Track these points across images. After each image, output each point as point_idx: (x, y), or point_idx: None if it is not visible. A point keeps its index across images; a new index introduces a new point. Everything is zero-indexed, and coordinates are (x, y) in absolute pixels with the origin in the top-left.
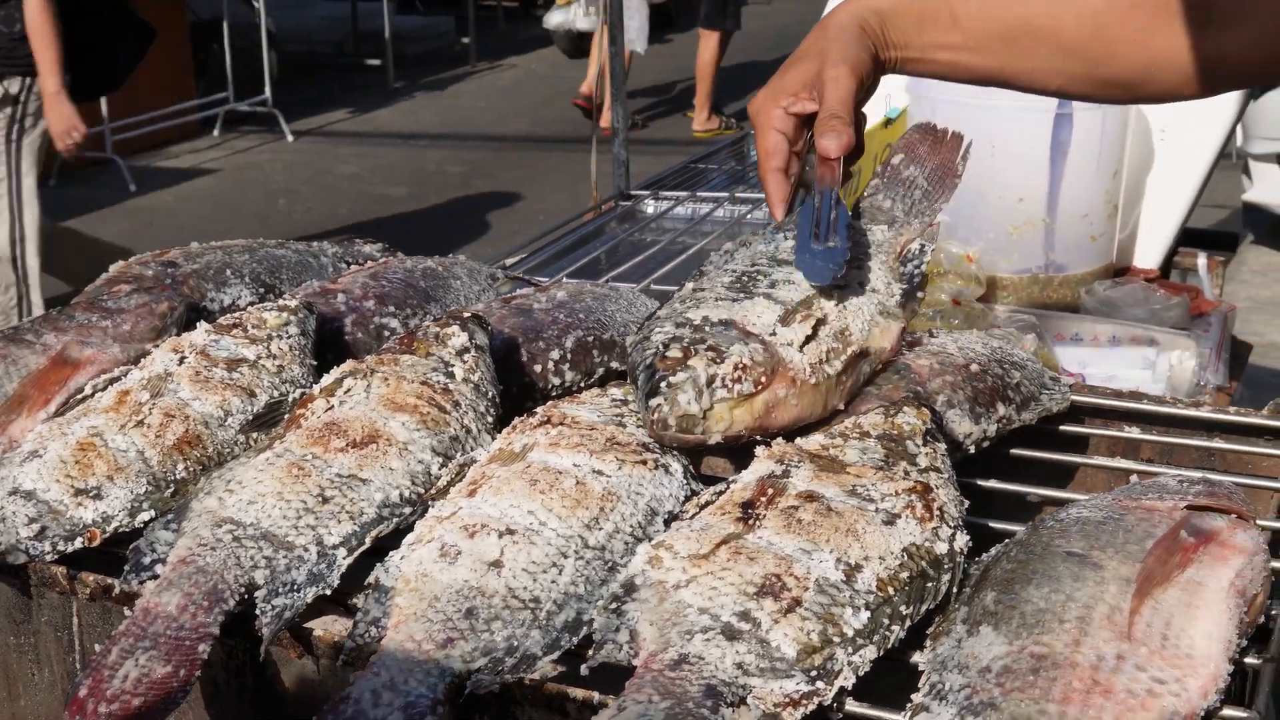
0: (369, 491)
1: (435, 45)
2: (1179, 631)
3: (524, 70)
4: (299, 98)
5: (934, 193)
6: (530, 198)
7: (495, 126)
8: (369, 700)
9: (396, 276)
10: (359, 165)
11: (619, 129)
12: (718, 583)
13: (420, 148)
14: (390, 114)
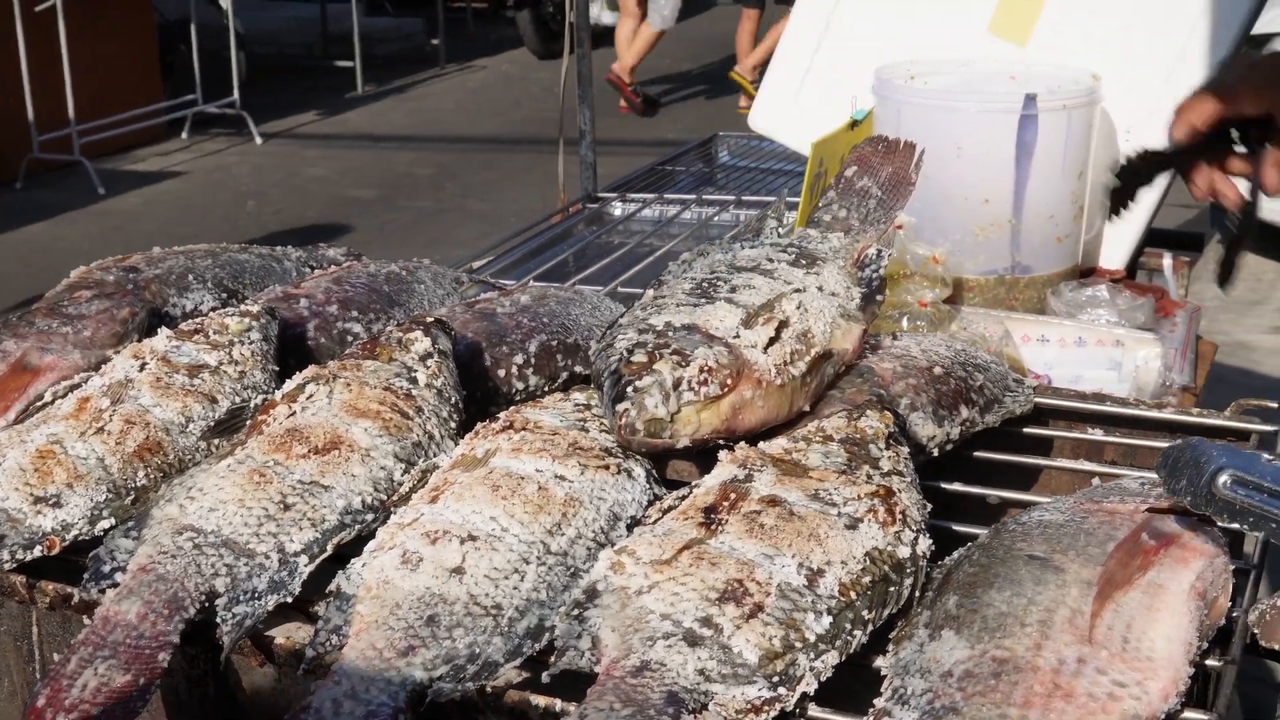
0: (331, 498)
1: (404, 47)
2: (1140, 634)
3: (493, 71)
4: (268, 100)
5: (888, 200)
6: (500, 199)
7: (465, 128)
8: (330, 709)
9: (360, 281)
10: (328, 167)
11: (586, 130)
12: (680, 588)
13: (390, 149)
14: (359, 116)
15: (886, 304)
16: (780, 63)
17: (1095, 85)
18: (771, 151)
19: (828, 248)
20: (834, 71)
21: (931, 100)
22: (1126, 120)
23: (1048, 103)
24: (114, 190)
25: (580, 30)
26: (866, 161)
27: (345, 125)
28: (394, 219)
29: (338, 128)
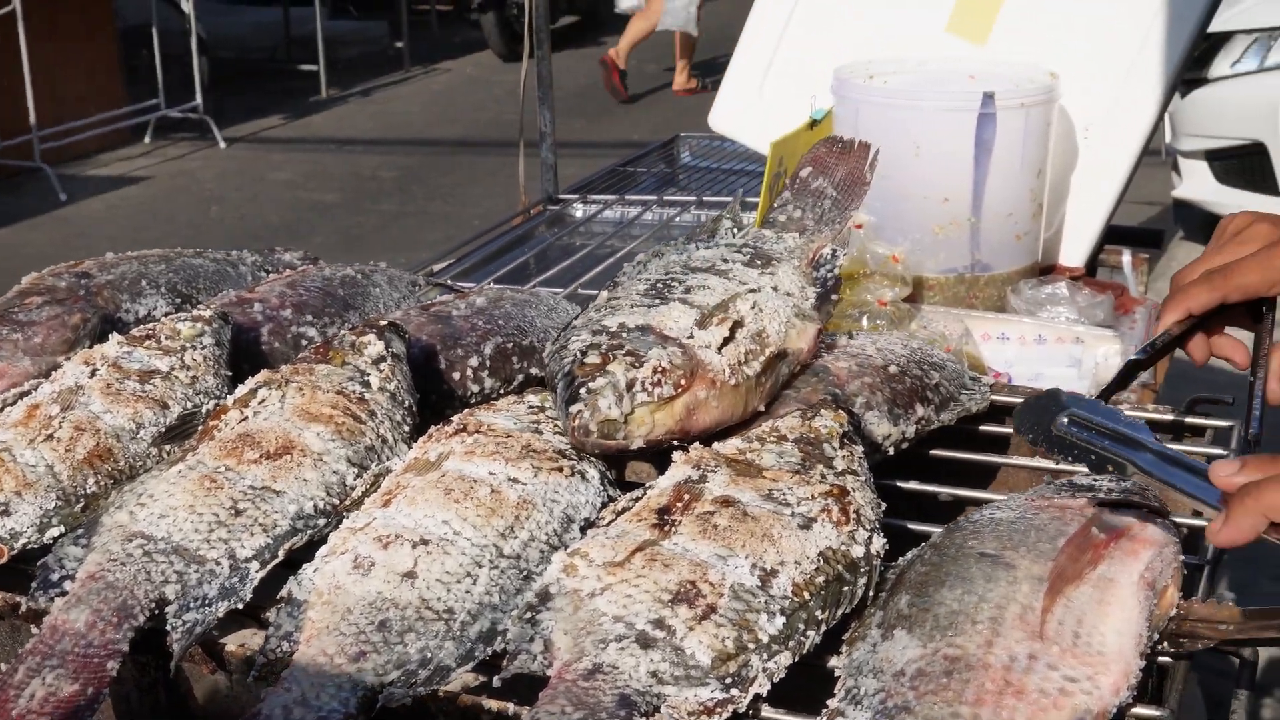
0: (283, 503)
1: (368, 50)
2: (1090, 629)
3: (458, 74)
4: (231, 104)
5: (843, 200)
6: (465, 202)
7: (429, 131)
8: (280, 716)
9: (314, 285)
10: (292, 171)
11: (546, 132)
12: (632, 590)
13: (354, 153)
14: (324, 119)
15: (846, 303)
16: (740, 62)
17: (1053, 83)
18: (733, 152)
19: (783, 248)
20: (793, 71)
21: (890, 99)
22: (1085, 118)
23: (1006, 101)
24: (76, 196)
25: (540, 32)
26: (821, 162)
27: (309, 129)
28: (359, 222)
29: (302, 131)
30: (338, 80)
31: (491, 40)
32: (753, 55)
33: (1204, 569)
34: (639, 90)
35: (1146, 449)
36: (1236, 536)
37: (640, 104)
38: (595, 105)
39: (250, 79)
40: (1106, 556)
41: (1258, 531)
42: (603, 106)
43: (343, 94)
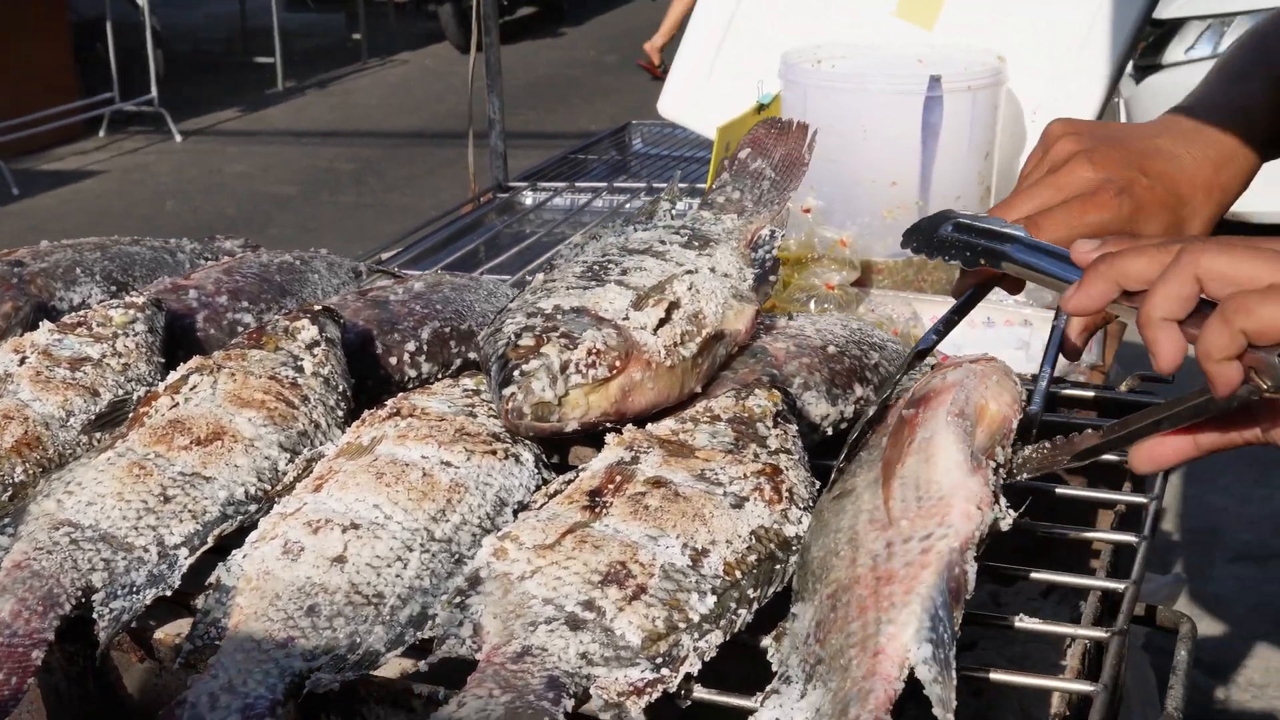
0: (213, 489)
1: (326, 42)
2: (925, 485)
3: (416, 66)
4: (187, 97)
5: (781, 182)
6: (423, 194)
7: (387, 123)
8: (206, 703)
9: (251, 271)
10: (249, 164)
11: (495, 120)
12: (562, 572)
13: (311, 145)
14: (280, 112)
15: (794, 287)
16: (688, 49)
17: (1000, 66)
18: (685, 139)
19: (721, 229)
20: (742, 57)
21: (837, 83)
22: (1033, 101)
23: (952, 84)
24: (29, 191)
25: (488, 19)
26: (760, 143)
27: (266, 122)
28: (315, 215)
29: (258, 124)
30: (294, 72)
31: (449, 31)
32: (701, 42)
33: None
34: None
35: (1018, 241)
36: (1086, 302)
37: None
38: (552, 96)
39: (206, 72)
40: (919, 423)
41: (1109, 298)
42: (560, 97)
43: (299, 86)
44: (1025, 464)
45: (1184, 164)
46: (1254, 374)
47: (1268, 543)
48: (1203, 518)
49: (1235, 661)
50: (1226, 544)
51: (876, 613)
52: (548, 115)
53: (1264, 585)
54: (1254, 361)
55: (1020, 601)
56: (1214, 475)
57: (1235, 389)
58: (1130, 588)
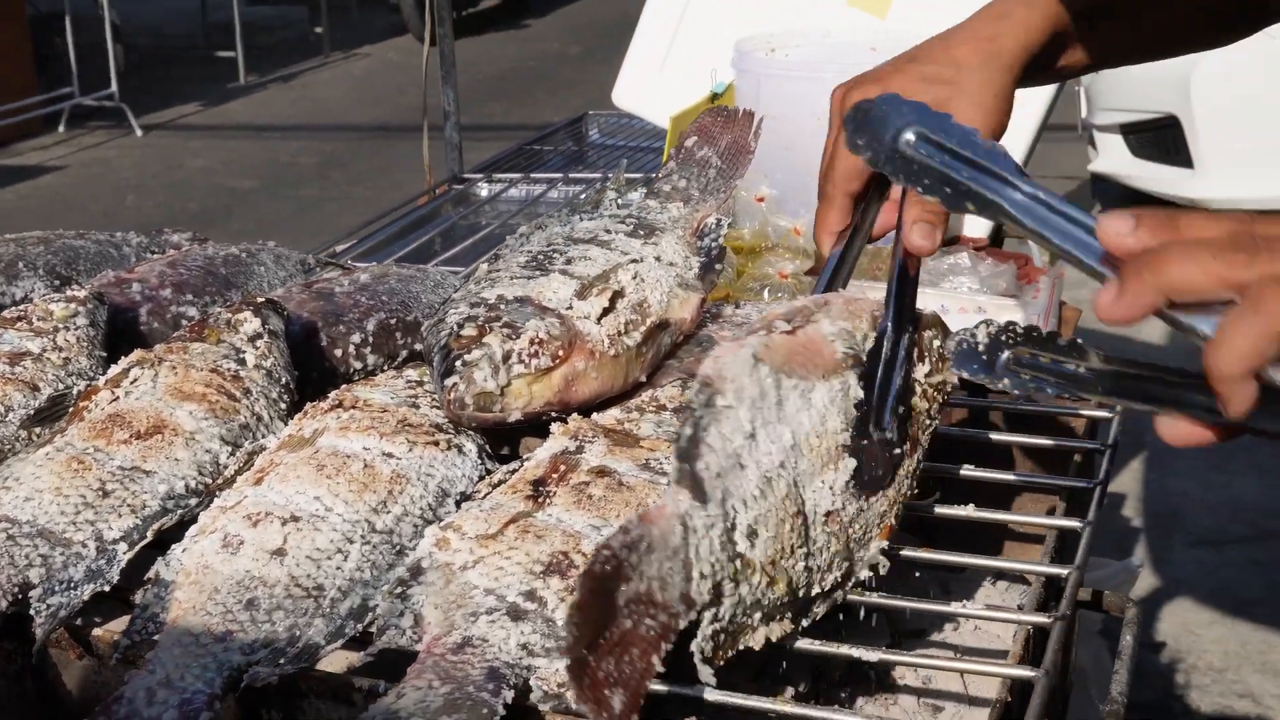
0: (152, 484)
1: (287, 35)
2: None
3: (378, 59)
4: (148, 92)
5: (728, 170)
6: (386, 187)
7: (350, 116)
8: (143, 699)
9: (195, 264)
10: (211, 159)
11: (450, 111)
12: (504, 562)
13: (274, 139)
14: (242, 106)
15: (748, 276)
16: (642, 39)
17: None
18: (642, 129)
19: (666, 218)
20: (696, 46)
21: (791, 72)
22: None
23: None
24: None
25: (441, 11)
26: (706, 131)
27: (228, 116)
28: (277, 209)
29: (220, 118)
30: (256, 66)
31: (412, 24)
32: (655, 31)
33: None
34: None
35: (1017, 188)
36: (1132, 314)
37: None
38: (517, 88)
39: (167, 66)
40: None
41: (1154, 309)
42: (524, 89)
43: (262, 80)
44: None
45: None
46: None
47: (1226, 528)
48: (1162, 503)
49: (1195, 646)
50: (1186, 529)
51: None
52: (512, 108)
53: (1222, 570)
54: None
55: (971, 587)
56: (1173, 460)
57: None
58: (1074, 573)
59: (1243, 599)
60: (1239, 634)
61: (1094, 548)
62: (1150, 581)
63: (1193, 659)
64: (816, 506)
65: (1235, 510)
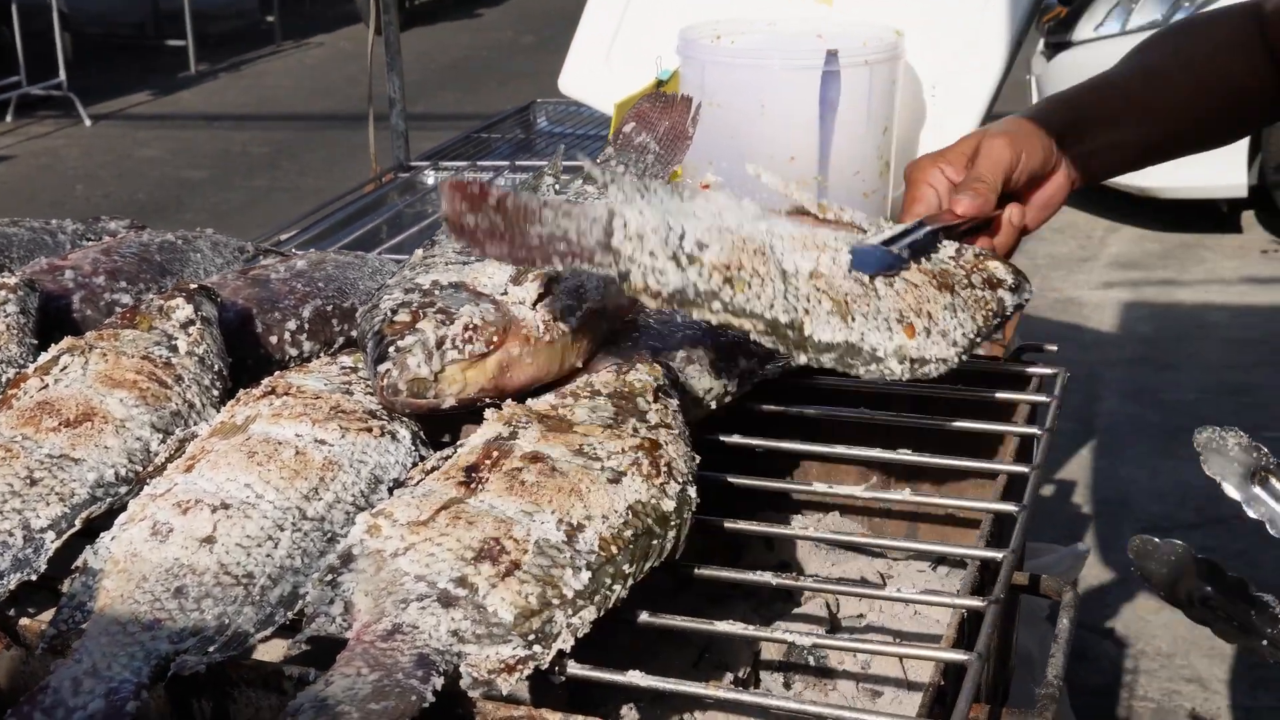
0: (81, 471)
1: (239, 24)
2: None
3: (331, 48)
4: (97, 81)
5: (666, 155)
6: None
7: (302, 106)
8: (69, 689)
9: (130, 251)
10: (161, 148)
11: (396, 99)
12: (435, 549)
13: (224, 129)
14: (193, 95)
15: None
16: (588, 27)
17: (898, 41)
18: (590, 117)
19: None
20: (641, 33)
21: (735, 59)
22: (932, 76)
23: (850, 58)
24: None
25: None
26: (645, 117)
27: (178, 105)
28: (228, 199)
29: (170, 108)
30: (207, 55)
31: (364, 14)
32: (600, 18)
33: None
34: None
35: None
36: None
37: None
38: (469, 77)
39: (116, 55)
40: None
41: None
42: (476, 78)
43: (212, 69)
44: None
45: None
46: None
47: (1174, 514)
48: (1112, 490)
49: (1144, 632)
50: (1136, 516)
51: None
52: (464, 97)
53: None
54: None
55: (912, 574)
56: (1122, 448)
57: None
58: (1008, 556)
59: None
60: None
61: (1032, 532)
62: (1099, 568)
63: (1141, 644)
64: (798, 267)
65: (1183, 497)
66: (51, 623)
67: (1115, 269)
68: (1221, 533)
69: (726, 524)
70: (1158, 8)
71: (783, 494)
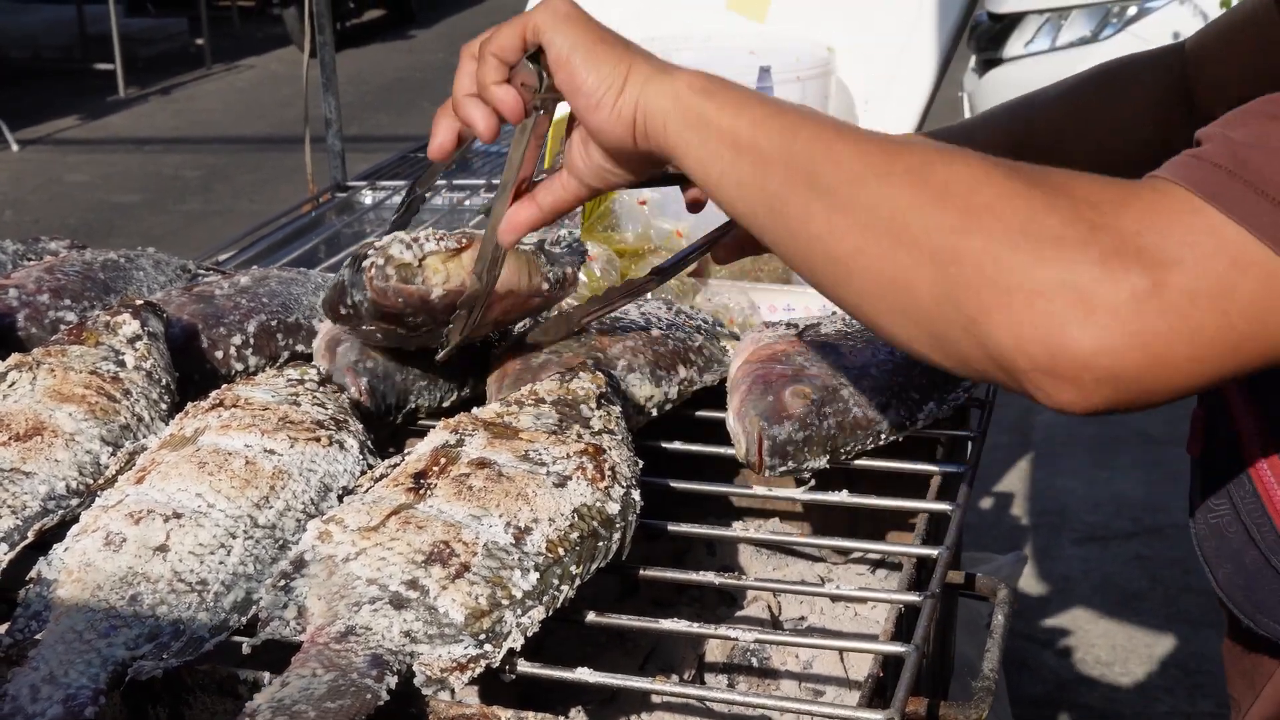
0: (32, 484)
1: (168, 48)
2: None
3: (262, 71)
4: (23, 105)
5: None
6: (272, 200)
7: (234, 128)
8: (27, 696)
9: (73, 269)
10: (90, 173)
11: (332, 120)
12: (386, 553)
13: (155, 153)
14: (122, 119)
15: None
16: None
17: (829, 57)
18: None
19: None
20: None
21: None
22: (864, 92)
23: (782, 75)
24: None
25: (321, 18)
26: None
27: (107, 129)
28: (161, 222)
29: (99, 132)
30: (136, 79)
31: (295, 36)
32: None
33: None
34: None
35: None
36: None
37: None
38: (402, 99)
39: (43, 79)
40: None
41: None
42: (409, 100)
43: (142, 93)
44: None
45: None
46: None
47: (1109, 524)
48: (1049, 500)
49: (1083, 641)
50: (1073, 526)
51: None
52: (398, 119)
53: (1107, 565)
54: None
55: (851, 575)
56: (1060, 459)
57: (524, 111)
58: (943, 553)
59: (1128, 593)
60: (1125, 628)
61: (971, 542)
62: (1038, 578)
63: (1080, 653)
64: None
65: (1119, 506)
66: (7, 632)
67: None
68: (1158, 542)
69: (670, 527)
70: (1086, 25)
71: (724, 501)
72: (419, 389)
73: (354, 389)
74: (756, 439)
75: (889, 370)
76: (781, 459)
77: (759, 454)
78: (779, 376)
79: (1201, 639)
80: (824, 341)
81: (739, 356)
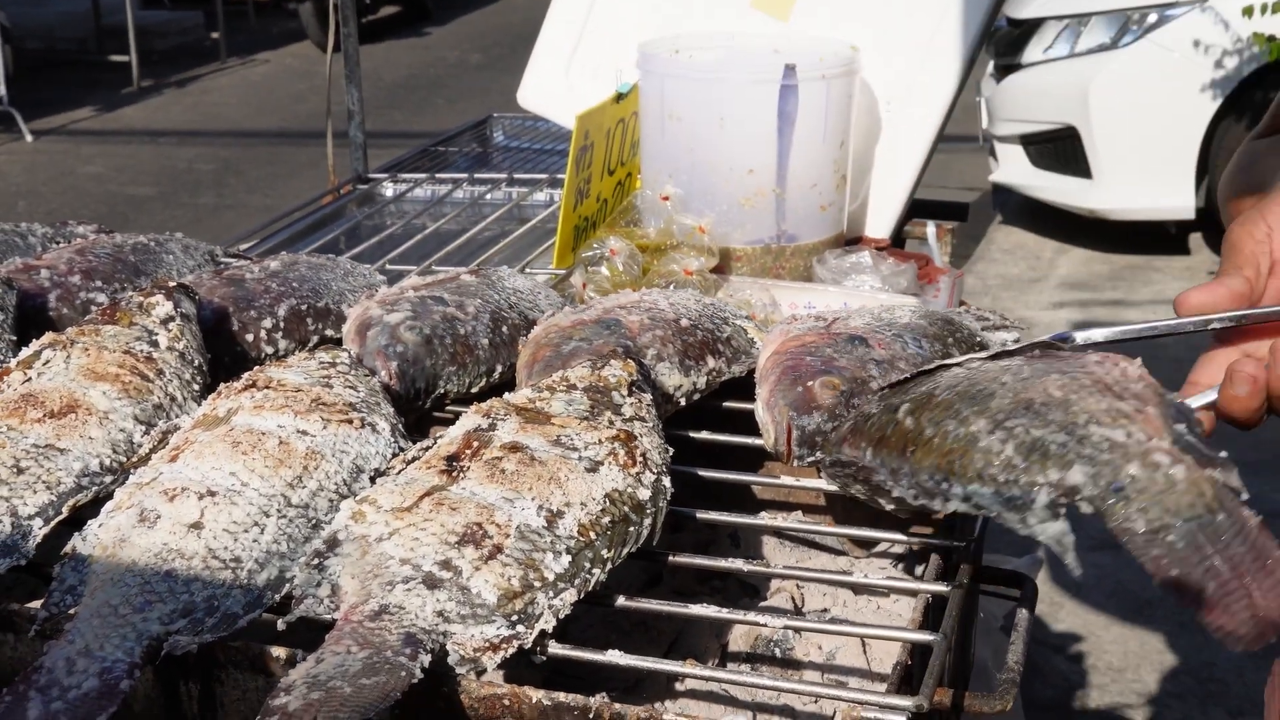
0: (67, 461)
1: (183, 41)
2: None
3: (277, 65)
4: (39, 96)
5: None
6: (285, 193)
7: (248, 122)
8: (63, 668)
9: (104, 251)
10: (104, 165)
11: (355, 111)
12: (419, 533)
13: (169, 146)
14: (137, 112)
15: (653, 273)
16: (547, 40)
17: (854, 56)
18: (547, 131)
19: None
20: (601, 47)
21: (694, 73)
22: (887, 92)
23: (807, 73)
24: None
25: (345, 10)
26: None
27: (122, 121)
28: (175, 216)
29: (114, 124)
30: (151, 72)
31: (310, 31)
32: (560, 32)
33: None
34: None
35: None
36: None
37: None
38: (417, 96)
39: (58, 71)
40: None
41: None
42: (424, 97)
43: (157, 85)
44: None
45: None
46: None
47: None
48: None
49: (1095, 647)
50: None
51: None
52: (413, 116)
53: (1119, 573)
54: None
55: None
56: None
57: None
58: (970, 544)
59: (1141, 600)
60: (1138, 635)
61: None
62: (1051, 583)
63: (1092, 659)
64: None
65: None
66: (43, 606)
67: (1065, 290)
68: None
69: (699, 514)
70: (1106, 31)
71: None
72: (448, 374)
73: (384, 372)
74: (785, 429)
75: (917, 363)
76: (810, 449)
77: (788, 444)
78: (808, 368)
79: (1214, 647)
80: (853, 334)
81: (768, 347)
